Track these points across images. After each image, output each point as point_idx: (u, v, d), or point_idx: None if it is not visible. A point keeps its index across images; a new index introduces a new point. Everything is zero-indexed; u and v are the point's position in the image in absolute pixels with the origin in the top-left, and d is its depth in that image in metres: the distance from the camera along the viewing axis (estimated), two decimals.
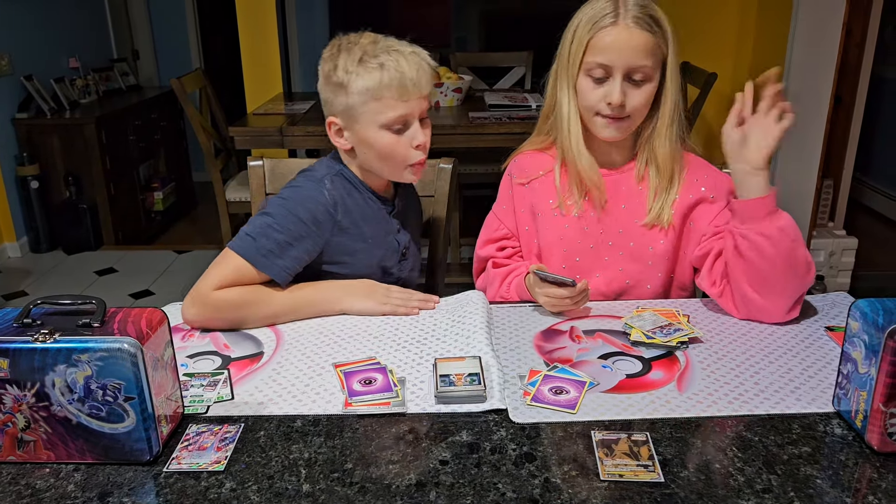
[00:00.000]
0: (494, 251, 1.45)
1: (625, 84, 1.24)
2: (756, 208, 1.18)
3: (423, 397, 1.00)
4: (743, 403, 0.97)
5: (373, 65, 1.23)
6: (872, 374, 0.85)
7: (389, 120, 1.25)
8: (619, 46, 1.22)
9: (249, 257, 1.21)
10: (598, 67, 1.24)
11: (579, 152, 1.31)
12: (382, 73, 1.23)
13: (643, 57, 1.22)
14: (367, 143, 1.28)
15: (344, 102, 1.26)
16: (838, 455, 0.87)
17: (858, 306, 0.88)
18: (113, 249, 4.06)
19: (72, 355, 0.82)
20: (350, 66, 1.24)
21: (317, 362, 1.10)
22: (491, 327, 1.20)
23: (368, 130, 1.27)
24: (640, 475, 0.83)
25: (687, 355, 1.10)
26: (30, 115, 3.91)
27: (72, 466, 0.87)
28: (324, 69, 1.29)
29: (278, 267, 1.23)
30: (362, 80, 1.23)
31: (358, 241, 1.33)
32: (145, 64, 5.21)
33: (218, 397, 1.01)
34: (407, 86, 1.24)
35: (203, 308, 1.20)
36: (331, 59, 1.27)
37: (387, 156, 1.29)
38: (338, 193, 1.31)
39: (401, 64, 1.23)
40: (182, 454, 0.89)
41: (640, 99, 1.25)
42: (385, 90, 1.23)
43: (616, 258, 1.36)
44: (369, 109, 1.25)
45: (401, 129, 1.27)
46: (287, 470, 0.86)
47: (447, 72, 3.27)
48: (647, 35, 1.22)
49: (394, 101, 1.24)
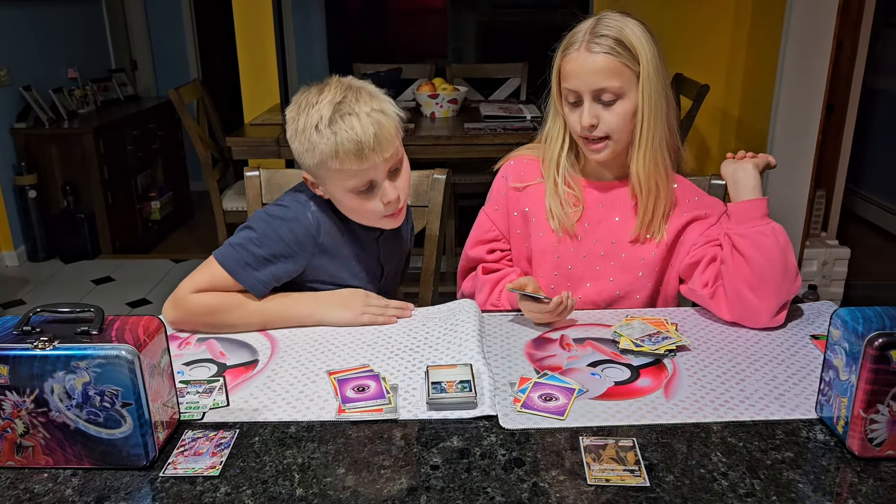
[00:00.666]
0: (484, 253, 1.47)
1: (596, 106, 1.28)
2: (753, 208, 1.26)
3: (415, 404, 1.02)
4: (728, 410, 0.99)
5: (327, 134, 1.19)
6: (853, 381, 0.87)
7: (354, 185, 1.23)
8: (580, 71, 1.26)
9: (228, 267, 1.24)
10: (570, 93, 1.30)
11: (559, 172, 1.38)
12: (336, 142, 1.18)
13: (605, 78, 1.25)
14: (338, 201, 1.29)
15: (310, 163, 1.24)
16: (820, 460, 0.89)
17: (839, 315, 0.91)
18: (110, 258, 4.08)
19: (70, 362, 0.84)
20: (308, 133, 1.21)
21: (311, 370, 1.12)
22: (482, 335, 1.22)
23: (336, 193, 1.27)
24: (626, 480, 0.85)
25: (674, 363, 1.12)
26: (28, 126, 3.94)
27: (69, 471, 0.89)
28: (289, 128, 1.26)
29: (254, 279, 1.25)
30: (319, 149, 1.20)
31: (340, 264, 1.35)
32: (143, 74, 5.24)
33: (213, 404, 1.02)
34: (364, 152, 1.19)
35: (179, 310, 1.24)
36: (293, 122, 1.25)
37: (360, 214, 1.29)
38: (322, 216, 1.31)
39: (356, 130, 1.18)
40: (178, 459, 0.90)
41: (614, 118, 1.28)
42: (340, 162, 1.19)
43: (607, 269, 1.39)
44: (332, 177, 1.23)
45: (367, 191, 1.25)
46: (281, 475, 0.88)
47: (443, 83, 3.30)
48: (609, 57, 1.24)
49: (354, 168, 1.20)
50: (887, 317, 0.88)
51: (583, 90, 1.27)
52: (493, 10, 6.31)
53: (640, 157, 1.30)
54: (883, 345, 0.83)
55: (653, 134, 1.29)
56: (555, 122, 1.37)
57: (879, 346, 0.83)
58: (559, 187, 1.38)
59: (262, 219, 1.30)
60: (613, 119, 1.28)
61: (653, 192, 1.32)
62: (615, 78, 1.25)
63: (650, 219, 1.34)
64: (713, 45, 3.77)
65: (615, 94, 1.26)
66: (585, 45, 1.26)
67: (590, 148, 1.32)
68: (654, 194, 1.33)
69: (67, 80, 4.38)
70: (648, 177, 1.31)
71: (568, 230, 1.38)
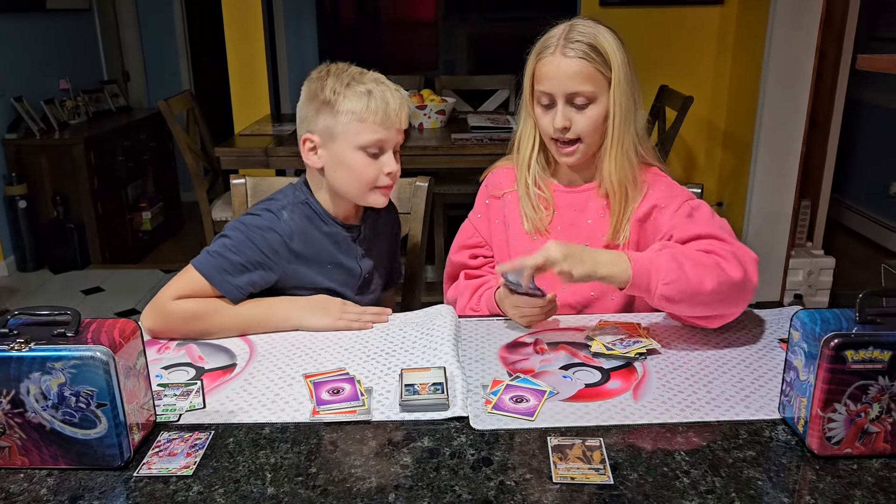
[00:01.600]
0: (467, 258, 1.51)
1: (569, 109, 1.31)
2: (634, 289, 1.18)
3: (388, 406, 1.04)
4: (694, 411, 1.01)
5: (361, 90, 1.30)
6: (811, 381, 0.89)
7: (367, 142, 1.31)
8: (555, 75, 1.29)
9: (206, 273, 1.27)
10: (543, 95, 1.33)
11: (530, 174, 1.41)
12: (369, 98, 1.29)
13: (580, 83, 1.28)
14: (341, 161, 1.32)
15: (326, 120, 1.31)
16: (780, 458, 0.91)
17: (799, 316, 0.93)
18: (100, 268, 4.09)
19: (46, 363, 0.86)
20: (338, 88, 1.30)
21: (287, 373, 1.14)
22: (458, 340, 1.24)
23: (345, 150, 1.32)
24: (590, 478, 0.87)
25: (644, 366, 1.14)
26: (19, 136, 3.95)
27: (45, 471, 0.90)
28: (309, 87, 1.34)
29: (231, 285, 1.28)
30: (349, 101, 1.29)
31: (317, 269, 1.37)
32: (136, 85, 5.27)
33: (190, 406, 1.04)
34: (390, 115, 1.31)
35: (158, 317, 1.26)
36: (318, 80, 1.33)
37: (357, 176, 1.33)
38: (296, 224, 1.35)
39: (386, 95, 1.31)
40: (153, 460, 0.92)
41: (586, 122, 1.31)
42: (370, 114, 1.29)
43: None
44: (350, 129, 1.30)
45: (375, 154, 1.32)
46: (253, 474, 0.89)
47: (431, 94, 3.33)
48: (583, 62, 1.28)
49: (375, 125, 1.30)
50: (844, 318, 0.90)
51: (557, 93, 1.30)
52: (484, 22, 6.36)
53: (612, 159, 1.33)
54: (839, 345, 0.86)
55: (623, 137, 1.32)
56: (526, 125, 1.41)
57: (835, 347, 0.86)
58: (530, 188, 1.41)
59: (236, 227, 1.33)
60: (585, 122, 1.31)
61: (624, 194, 1.35)
62: (589, 82, 1.29)
63: (622, 220, 1.37)
64: (698, 57, 3.83)
65: (588, 98, 1.30)
66: (560, 49, 1.29)
67: (561, 151, 1.35)
68: (624, 196, 1.35)
69: (59, 91, 4.40)
70: (620, 180, 1.34)
71: (541, 232, 1.41)
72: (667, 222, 1.32)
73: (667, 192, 1.36)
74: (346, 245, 1.42)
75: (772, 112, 3.28)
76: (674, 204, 1.34)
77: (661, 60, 3.73)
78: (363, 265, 1.45)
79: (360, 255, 1.44)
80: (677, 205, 1.33)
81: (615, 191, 1.35)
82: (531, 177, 1.41)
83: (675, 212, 1.32)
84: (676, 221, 1.31)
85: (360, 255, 1.44)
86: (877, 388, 0.87)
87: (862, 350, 0.86)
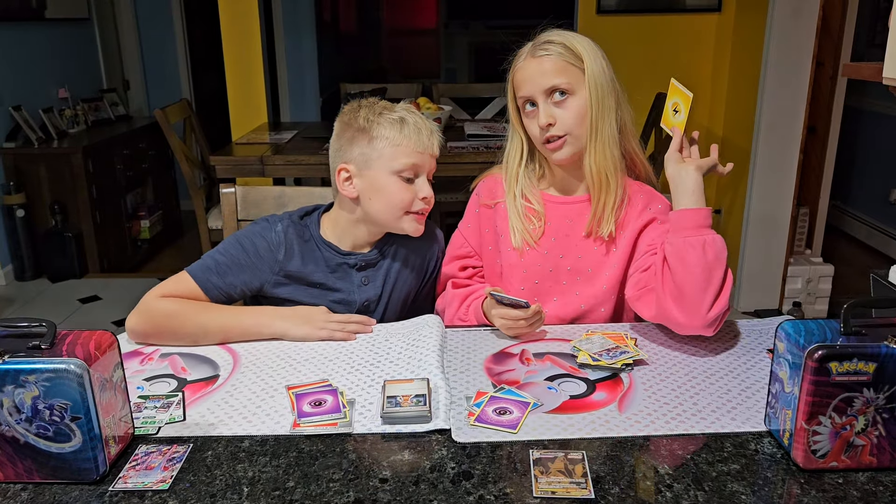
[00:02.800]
0: (457, 270, 1.50)
1: (550, 106, 1.32)
2: (687, 218, 1.23)
3: (370, 418, 1.03)
4: (679, 423, 1.00)
5: (394, 117, 1.35)
6: (796, 393, 0.88)
7: (402, 167, 1.33)
8: (529, 76, 1.33)
9: (191, 272, 1.32)
10: (524, 100, 1.35)
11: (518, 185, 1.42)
12: (402, 125, 1.34)
13: (553, 77, 1.31)
14: (376, 187, 1.34)
15: (360, 148, 1.34)
16: (765, 472, 0.90)
17: (784, 327, 0.92)
18: (97, 277, 4.08)
19: (19, 376, 0.85)
20: (371, 116, 1.35)
21: (270, 384, 1.13)
22: (443, 350, 1.23)
23: (380, 175, 1.34)
24: (571, 492, 0.86)
25: (631, 377, 1.13)
26: (17, 145, 3.96)
27: (20, 486, 0.89)
28: (342, 120, 1.39)
29: (211, 283, 1.32)
30: (383, 127, 1.34)
31: (303, 288, 1.38)
32: (136, 94, 5.28)
33: (170, 419, 1.03)
34: (424, 140, 1.35)
35: (141, 314, 1.28)
36: (351, 112, 1.38)
37: (392, 201, 1.34)
38: (287, 238, 1.38)
39: (419, 122, 1.36)
40: (129, 474, 0.91)
41: (569, 114, 1.32)
42: (404, 139, 1.33)
43: (573, 283, 1.40)
44: (385, 155, 1.33)
45: (410, 179, 1.35)
46: (230, 488, 0.88)
47: (427, 102, 3.33)
48: (552, 58, 1.31)
49: (410, 150, 1.34)
50: (829, 329, 0.89)
51: (535, 93, 1.32)
52: (485, 30, 6.37)
53: (592, 149, 1.34)
54: (822, 357, 0.84)
55: (600, 127, 1.33)
56: (513, 140, 1.44)
57: (819, 359, 0.84)
58: (517, 200, 1.41)
59: (234, 233, 1.39)
60: (568, 115, 1.32)
61: (604, 184, 1.35)
62: (562, 75, 1.31)
63: (601, 212, 1.37)
64: (696, 64, 3.82)
65: (565, 89, 1.31)
66: (530, 53, 1.34)
67: (550, 148, 1.35)
68: (604, 186, 1.36)
69: (58, 99, 4.40)
70: (599, 169, 1.34)
71: (530, 244, 1.40)
72: (660, 235, 1.35)
73: (665, 210, 1.39)
74: (341, 271, 1.41)
75: (770, 119, 3.27)
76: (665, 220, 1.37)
77: (657, 68, 3.71)
78: (361, 294, 1.42)
79: (359, 284, 1.42)
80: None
81: (597, 180, 1.35)
82: (518, 188, 1.42)
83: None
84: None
85: (359, 283, 1.42)
86: (862, 400, 0.86)
87: (846, 362, 0.85)
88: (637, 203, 1.39)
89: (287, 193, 1.71)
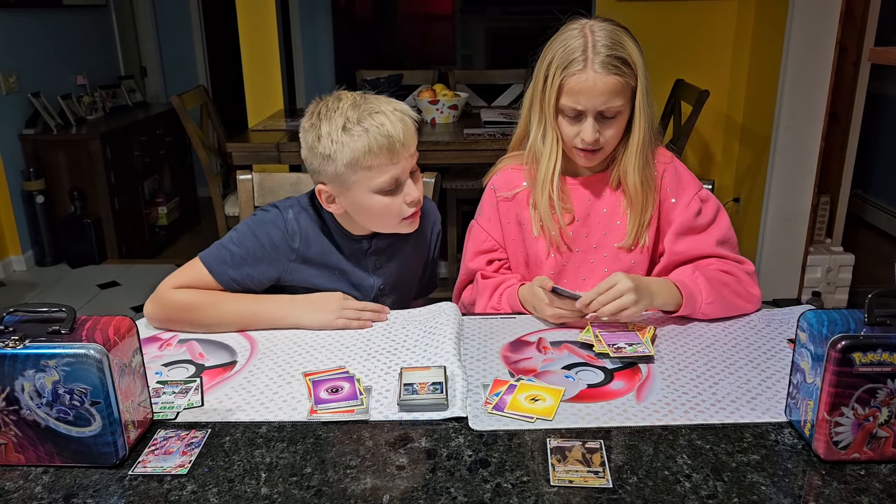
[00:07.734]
0: (484, 264, 1.48)
1: (597, 121, 1.29)
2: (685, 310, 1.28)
3: (387, 405, 1.03)
4: (698, 413, 0.99)
5: (357, 131, 1.22)
6: (818, 383, 0.87)
7: (382, 184, 1.25)
8: (588, 92, 1.26)
9: (206, 263, 1.30)
10: (571, 109, 1.30)
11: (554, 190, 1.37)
12: (369, 138, 1.21)
13: (612, 98, 1.27)
14: (360, 206, 1.29)
15: (332, 172, 1.25)
16: (786, 463, 0.89)
17: (806, 317, 0.90)
18: (116, 263, 4.12)
19: (40, 361, 0.85)
20: (335, 136, 1.22)
21: (287, 371, 1.13)
22: (460, 338, 1.22)
23: (361, 196, 1.27)
24: (589, 481, 0.86)
25: (649, 366, 1.12)
26: (36, 132, 3.99)
27: (41, 469, 0.90)
28: (307, 139, 1.27)
29: (228, 276, 1.30)
30: (349, 149, 1.22)
31: (321, 273, 1.36)
32: (153, 81, 5.30)
33: (188, 404, 1.04)
34: (395, 147, 1.23)
35: (157, 305, 1.28)
36: (312, 129, 1.26)
37: (380, 215, 1.30)
38: (300, 225, 1.34)
39: (385, 127, 1.22)
40: (148, 458, 0.92)
41: (612, 132, 1.31)
42: (373, 157, 1.22)
43: (601, 260, 1.40)
44: (360, 177, 1.24)
45: (393, 190, 1.27)
46: (248, 474, 0.89)
47: (443, 89, 3.31)
48: (616, 78, 1.25)
49: (383, 165, 1.23)
50: (853, 319, 0.88)
51: (588, 108, 1.28)
52: (502, 15, 6.31)
53: (632, 159, 1.33)
54: (845, 347, 0.83)
55: (643, 139, 1.32)
56: (546, 138, 1.36)
57: (842, 349, 0.83)
58: (555, 202, 1.37)
59: (245, 221, 1.35)
60: (612, 133, 1.31)
61: (645, 190, 1.35)
62: (620, 96, 1.27)
63: (642, 225, 1.37)
64: (716, 51, 3.77)
65: (618, 111, 1.29)
66: (591, 65, 1.25)
67: (584, 157, 1.34)
68: (645, 191, 1.35)
69: (76, 86, 4.43)
70: (641, 181, 1.34)
71: (562, 232, 1.40)
72: (678, 216, 1.37)
73: (677, 182, 1.39)
74: (355, 256, 1.39)
75: (790, 106, 3.23)
76: (684, 197, 1.38)
77: (677, 54, 3.67)
78: (376, 278, 1.41)
79: (373, 268, 1.41)
80: (688, 199, 1.38)
81: (635, 194, 1.35)
82: (556, 191, 1.37)
83: (685, 206, 1.37)
84: (685, 218, 1.36)
85: (373, 267, 1.41)
86: (885, 391, 0.85)
87: (870, 353, 0.83)
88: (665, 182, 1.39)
89: (303, 180, 1.71)
